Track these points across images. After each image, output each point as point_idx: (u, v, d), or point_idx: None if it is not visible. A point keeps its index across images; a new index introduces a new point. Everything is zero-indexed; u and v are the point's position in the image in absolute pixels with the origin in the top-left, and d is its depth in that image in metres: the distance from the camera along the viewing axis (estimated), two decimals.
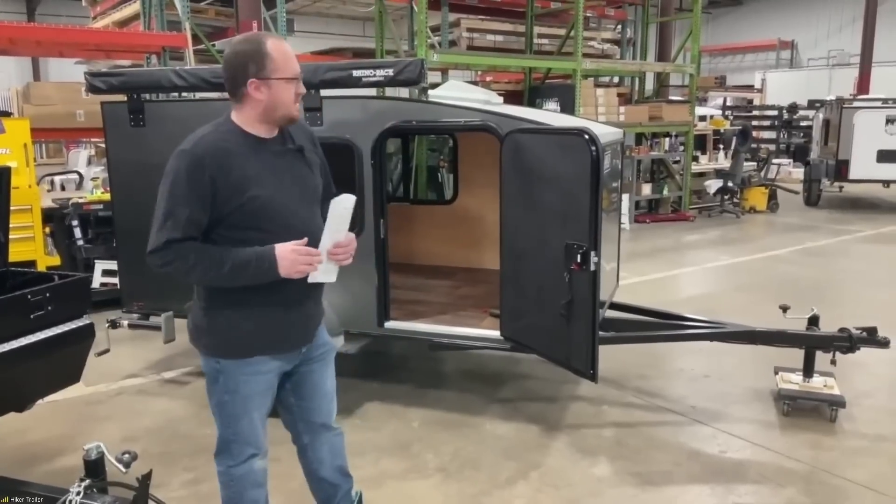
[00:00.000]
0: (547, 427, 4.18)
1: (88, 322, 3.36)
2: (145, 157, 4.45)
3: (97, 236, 6.73)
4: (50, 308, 3.13)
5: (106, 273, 6.40)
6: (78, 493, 2.47)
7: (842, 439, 4.03)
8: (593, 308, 3.57)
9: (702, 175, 13.58)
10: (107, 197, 6.28)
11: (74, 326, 3.27)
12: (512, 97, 11.04)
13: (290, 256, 2.30)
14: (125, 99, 4.56)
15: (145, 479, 2.48)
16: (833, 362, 4.28)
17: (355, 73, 4.02)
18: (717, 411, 4.41)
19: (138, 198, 4.51)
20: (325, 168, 2.67)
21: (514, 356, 5.16)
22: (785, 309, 4.38)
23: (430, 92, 4.44)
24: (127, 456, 2.50)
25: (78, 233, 6.64)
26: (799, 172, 15.14)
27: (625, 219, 10.58)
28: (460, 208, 6.19)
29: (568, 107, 10.29)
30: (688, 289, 7.82)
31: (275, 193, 2.36)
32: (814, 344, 4.33)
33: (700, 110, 14.96)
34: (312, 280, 2.43)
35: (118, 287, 5.03)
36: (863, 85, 21.06)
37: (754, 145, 15.73)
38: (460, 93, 4.53)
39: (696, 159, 13.40)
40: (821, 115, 13.90)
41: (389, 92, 6.33)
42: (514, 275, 4.07)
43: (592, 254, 3.50)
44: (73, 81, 8.47)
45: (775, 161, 15.28)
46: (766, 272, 8.26)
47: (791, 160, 17.56)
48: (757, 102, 23.29)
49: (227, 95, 2.41)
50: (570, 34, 11.10)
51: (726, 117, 17.69)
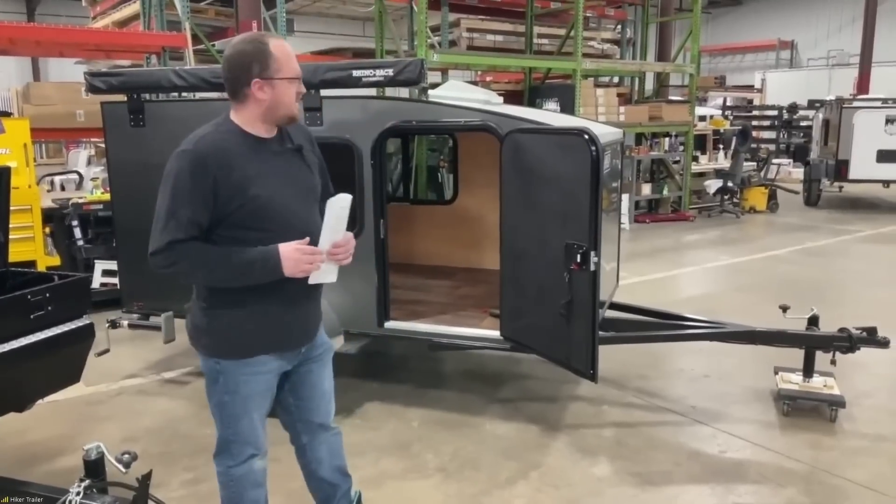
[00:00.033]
0: (547, 427, 4.19)
1: (88, 322, 3.36)
2: (145, 157, 4.46)
3: (97, 236, 6.73)
4: (50, 308, 3.13)
5: (106, 273, 6.40)
6: (78, 494, 2.47)
7: (842, 439, 4.03)
8: (593, 308, 3.57)
9: (702, 175, 13.59)
10: (107, 197, 6.28)
11: (74, 326, 3.27)
12: (512, 97, 11.03)
13: (294, 256, 2.30)
14: (125, 99, 4.56)
15: (145, 480, 2.48)
16: (833, 362, 4.28)
17: (355, 73, 4.02)
18: (717, 411, 4.41)
19: (138, 198, 4.52)
20: (323, 168, 2.67)
21: (514, 356, 5.16)
22: (785, 309, 4.38)
23: (430, 92, 4.44)
24: (127, 456, 2.50)
25: (78, 233, 6.64)
26: (799, 172, 15.14)
27: (625, 219, 10.58)
28: (460, 208, 6.19)
29: (568, 107, 10.29)
30: (688, 289, 7.81)
31: (275, 193, 2.36)
32: (814, 344, 4.33)
33: (700, 110, 14.97)
34: (314, 281, 2.43)
35: (118, 287, 5.03)
36: (862, 85, 21.07)
37: (754, 145, 15.73)
38: (460, 93, 4.53)
39: (695, 159, 13.40)
40: (820, 115, 13.90)
41: (389, 92, 6.33)
42: (514, 275, 4.07)
43: (592, 254, 3.50)
44: (73, 81, 8.47)
45: (775, 161, 15.29)
46: (765, 272, 8.26)
47: (791, 160, 17.56)
48: (757, 102, 23.29)
49: (226, 95, 2.41)
50: (570, 34, 11.10)
51: (726, 117, 17.69)
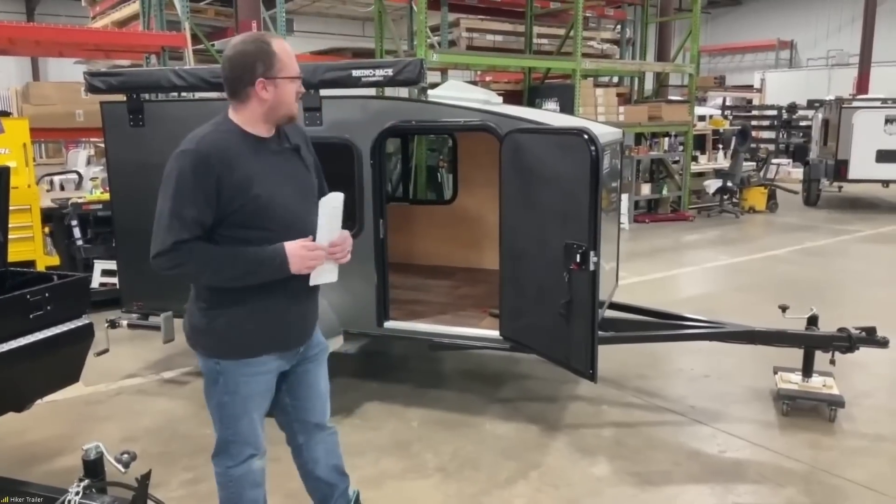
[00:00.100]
0: (546, 427, 4.19)
1: (88, 322, 3.35)
2: (145, 156, 4.46)
3: (96, 236, 6.73)
4: (49, 308, 3.13)
5: (105, 273, 6.40)
6: (77, 494, 2.48)
7: (841, 439, 4.03)
8: (593, 308, 3.57)
9: (701, 175, 13.60)
10: (106, 197, 6.28)
11: (73, 326, 3.27)
12: (511, 97, 11.03)
13: (301, 253, 2.32)
14: (124, 99, 4.56)
15: (144, 479, 2.48)
16: (832, 362, 4.29)
17: (355, 72, 4.02)
18: (717, 411, 4.41)
19: (138, 198, 4.53)
20: (318, 167, 2.68)
21: (514, 356, 5.16)
22: (784, 309, 4.38)
23: (430, 92, 4.44)
24: (126, 456, 2.51)
25: (77, 233, 6.64)
26: (798, 172, 15.15)
27: (624, 219, 10.58)
28: (460, 208, 6.18)
29: (567, 107, 10.29)
30: (687, 289, 7.82)
31: (276, 193, 2.36)
32: (813, 344, 4.34)
33: (699, 110, 14.97)
34: (314, 282, 2.44)
35: (117, 287, 5.03)
36: (862, 85, 21.08)
37: (753, 145, 15.73)
38: (460, 93, 4.52)
39: (695, 159, 13.41)
40: (820, 115, 13.90)
41: (389, 92, 6.34)
42: (513, 275, 4.07)
43: (592, 254, 3.50)
44: (73, 81, 8.46)
45: (774, 161, 15.30)
46: (765, 272, 8.27)
47: (790, 160, 17.58)
48: (756, 102, 23.30)
49: (225, 95, 2.41)
50: (570, 34, 11.10)
51: (725, 117, 17.70)
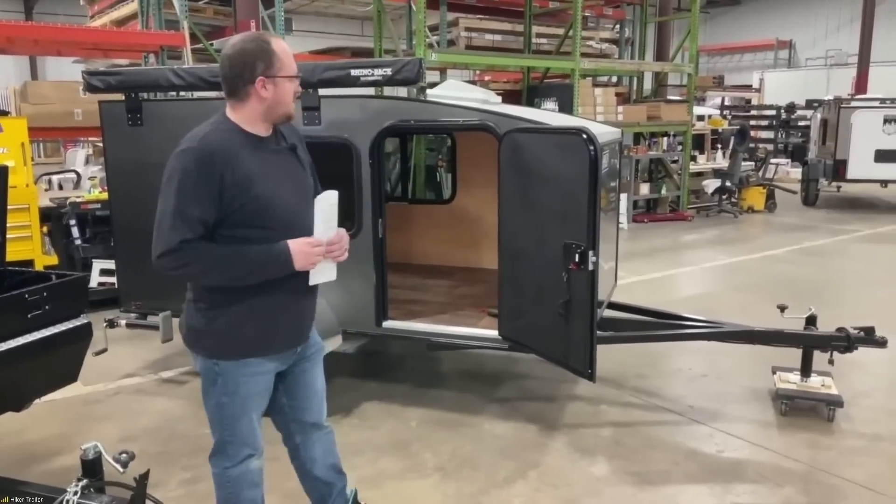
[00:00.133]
0: (545, 426, 4.19)
1: (86, 321, 3.35)
2: (143, 156, 4.45)
3: (95, 235, 6.72)
4: (47, 307, 3.12)
5: (104, 272, 6.41)
6: (75, 493, 2.48)
7: (839, 439, 4.04)
8: (591, 307, 3.57)
9: (700, 175, 13.61)
10: (104, 196, 6.28)
11: (72, 326, 3.26)
12: (510, 97, 11.03)
13: (305, 249, 2.35)
14: (123, 98, 4.55)
15: (143, 479, 2.48)
16: (831, 362, 4.29)
17: (353, 72, 4.01)
18: (715, 411, 4.41)
19: (136, 197, 4.53)
20: (312, 167, 2.68)
21: (513, 356, 5.16)
22: (783, 308, 4.39)
23: (429, 91, 4.44)
24: (125, 455, 2.50)
25: (75, 232, 6.63)
26: (797, 172, 15.16)
27: (623, 218, 10.58)
28: (458, 208, 6.18)
29: (566, 106, 10.29)
30: (686, 288, 7.82)
31: (276, 192, 2.37)
32: (811, 343, 4.34)
33: (698, 110, 14.98)
34: (314, 281, 2.44)
35: (116, 286, 5.02)
36: (861, 85, 21.08)
37: (752, 145, 15.72)
38: (458, 92, 4.52)
39: (694, 159, 13.41)
40: (819, 115, 13.91)
41: (388, 91, 6.33)
42: (512, 274, 4.06)
43: (591, 253, 3.50)
44: (71, 80, 8.44)
45: (773, 161, 15.31)
46: (763, 272, 8.27)
47: (789, 160, 17.60)
48: (755, 102, 23.29)
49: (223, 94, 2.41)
50: (569, 34, 11.10)
51: (724, 117, 17.70)
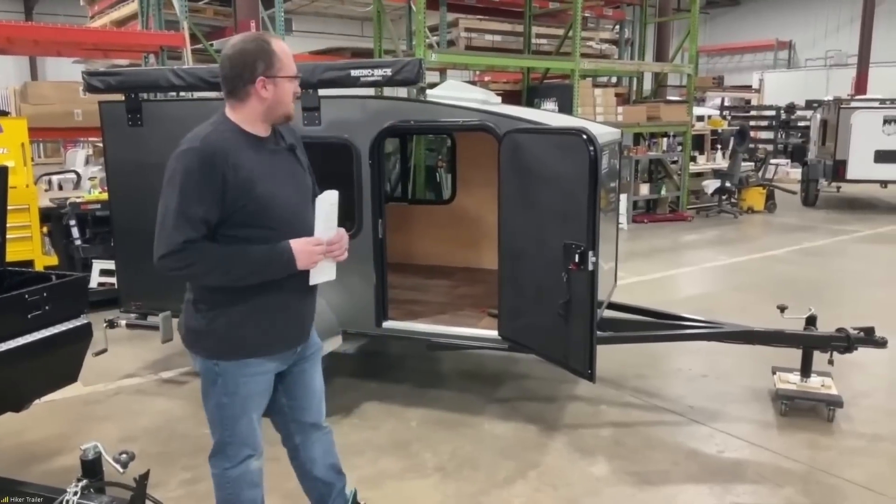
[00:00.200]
0: (545, 427, 4.19)
1: (86, 322, 3.35)
2: (143, 156, 4.46)
3: (95, 236, 6.72)
4: (47, 308, 3.13)
5: (103, 273, 6.40)
6: (75, 493, 2.48)
7: (839, 439, 4.04)
8: (591, 308, 3.57)
9: (699, 175, 13.61)
10: (104, 196, 6.28)
11: (72, 326, 3.26)
12: (510, 97, 11.04)
13: (307, 248, 2.36)
14: (123, 98, 4.56)
15: (143, 479, 2.48)
16: (830, 362, 4.29)
17: (353, 72, 4.01)
18: (715, 411, 4.41)
19: (136, 197, 4.54)
20: (309, 167, 2.68)
21: (513, 356, 5.16)
22: (783, 309, 4.39)
23: (429, 92, 4.44)
24: (124, 456, 2.50)
25: (75, 232, 6.63)
26: (796, 173, 15.16)
27: (623, 219, 10.58)
28: (458, 208, 6.18)
29: (566, 107, 10.29)
30: (685, 289, 7.82)
31: (276, 192, 2.37)
32: (811, 344, 4.34)
33: (698, 110, 14.99)
34: (314, 281, 2.45)
35: (116, 287, 5.02)
36: (860, 85, 21.08)
37: (752, 145, 15.74)
38: (458, 92, 4.52)
39: (693, 159, 13.42)
40: (818, 116, 13.91)
41: (388, 92, 6.33)
42: (512, 275, 4.06)
43: (590, 254, 3.50)
44: (71, 81, 8.44)
45: (773, 161, 15.31)
46: (763, 272, 8.27)
47: (789, 160, 17.60)
48: (755, 102, 23.30)
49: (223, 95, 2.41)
50: (569, 34, 11.10)
51: (724, 117, 17.73)
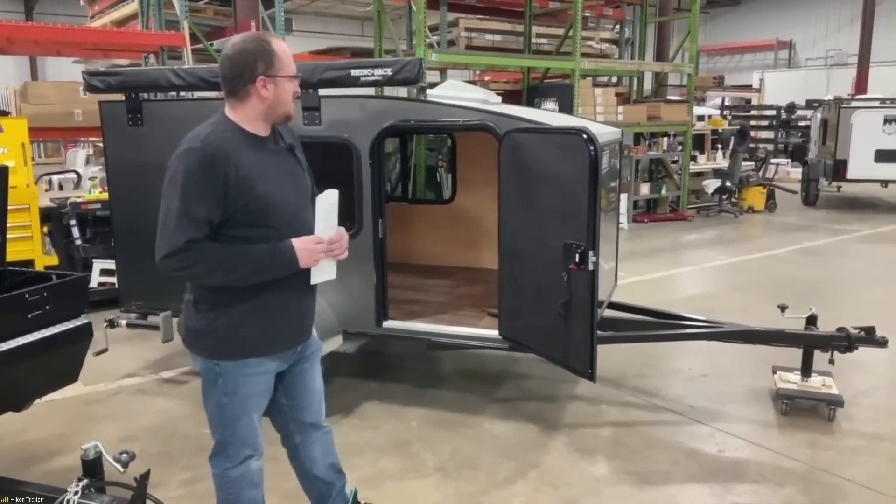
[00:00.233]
0: (545, 426, 4.19)
1: (86, 321, 3.35)
2: (143, 156, 4.46)
3: (95, 236, 6.73)
4: (48, 307, 3.13)
5: (104, 272, 6.41)
6: (76, 493, 2.48)
7: (840, 438, 4.04)
8: (591, 307, 3.57)
9: (700, 175, 13.60)
10: (105, 196, 6.28)
11: (72, 326, 3.26)
12: (510, 97, 11.03)
13: (308, 247, 2.36)
14: (123, 98, 4.56)
15: (143, 479, 2.48)
16: (831, 362, 4.29)
17: (353, 72, 4.01)
18: (716, 411, 4.41)
19: (136, 197, 4.54)
20: (308, 168, 2.69)
21: (513, 356, 5.16)
22: (783, 308, 4.39)
23: (429, 91, 4.44)
24: (125, 455, 2.50)
25: (76, 232, 6.64)
26: (797, 172, 15.16)
27: (623, 218, 10.58)
28: (459, 208, 6.18)
29: (566, 106, 10.29)
30: (686, 288, 7.82)
31: (277, 192, 2.38)
32: (812, 343, 4.34)
33: (698, 110, 14.98)
34: (315, 280, 2.45)
35: (116, 286, 5.03)
36: (861, 85, 21.08)
37: (752, 145, 15.73)
38: (459, 92, 4.52)
39: (694, 159, 13.41)
40: (819, 115, 13.90)
41: (388, 91, 6.33)
42: (512, 274, 4.06)
43: (591, 253, 3.50)
44: (71, 81, 8.44)
45: (773, 161, 15.30)
46: (764, 272, 8.27)
47: (789, 160, 17.58)
48: (755, 102, 23.29)
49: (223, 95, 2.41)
50: (569, 34, 11.10)
51: (724, 117, 17.70)
